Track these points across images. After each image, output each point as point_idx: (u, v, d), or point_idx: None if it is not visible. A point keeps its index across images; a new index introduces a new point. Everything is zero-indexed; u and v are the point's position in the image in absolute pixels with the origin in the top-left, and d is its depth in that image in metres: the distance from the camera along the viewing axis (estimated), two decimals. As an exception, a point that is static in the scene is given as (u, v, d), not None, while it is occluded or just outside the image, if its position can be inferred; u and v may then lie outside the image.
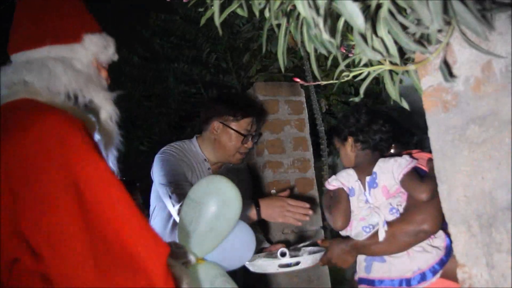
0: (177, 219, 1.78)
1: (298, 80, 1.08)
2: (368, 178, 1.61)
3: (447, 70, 0.83)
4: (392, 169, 1.56)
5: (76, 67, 1.08)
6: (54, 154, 0.86)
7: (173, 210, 1.87)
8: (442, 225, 1.48)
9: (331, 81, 1.01)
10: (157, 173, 2.02)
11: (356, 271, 1.70)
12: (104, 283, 0.80)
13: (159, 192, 2.00)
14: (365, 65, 0.90)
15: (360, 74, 0.91)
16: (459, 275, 0.86)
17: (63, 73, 1.04)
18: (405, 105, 0.89)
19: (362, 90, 0.92)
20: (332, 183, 1.66)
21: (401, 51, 0.85)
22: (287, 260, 1.65)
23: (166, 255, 0.88)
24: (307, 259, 1.65)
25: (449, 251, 1.51)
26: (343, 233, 1.67)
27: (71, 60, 1.08)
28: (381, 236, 1.51)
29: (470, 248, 0.83)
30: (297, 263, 1.64)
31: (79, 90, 1.06)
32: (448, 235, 1.51)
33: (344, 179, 1.64)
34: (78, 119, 0.96)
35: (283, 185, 2.56)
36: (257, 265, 1.66)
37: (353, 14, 0.69)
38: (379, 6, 0.74)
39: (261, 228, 2.30)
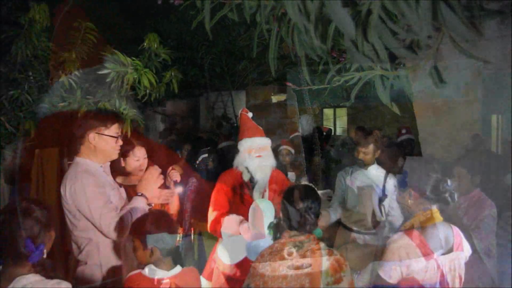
0: None
1: (289, 84, 1.08)
2: (398, 178, 1.58)
3: (438, 76, 0.83)
4: (422, 171, 1.56)
5: None
6: None
7: None
8: None
9: (322, 86, 1.01)
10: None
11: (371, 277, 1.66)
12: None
13: None
14: (356, 70, 0.90)
15: (351, 78, 0.91)
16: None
17: None
18: (395, 109, 0.89)
19: (353, 94, 0.92)
20: (360, 179, 1.64)
21: (393, 56, 0.85)
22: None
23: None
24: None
25: None
26: (360, 237, 1.64)
27: None
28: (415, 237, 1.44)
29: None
30: None
31: None
32: None
33: (375, 178, 1.62)
34: None
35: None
36: None
37: (344, 20, 0.69)
38: (369, 12, 0.74)
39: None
